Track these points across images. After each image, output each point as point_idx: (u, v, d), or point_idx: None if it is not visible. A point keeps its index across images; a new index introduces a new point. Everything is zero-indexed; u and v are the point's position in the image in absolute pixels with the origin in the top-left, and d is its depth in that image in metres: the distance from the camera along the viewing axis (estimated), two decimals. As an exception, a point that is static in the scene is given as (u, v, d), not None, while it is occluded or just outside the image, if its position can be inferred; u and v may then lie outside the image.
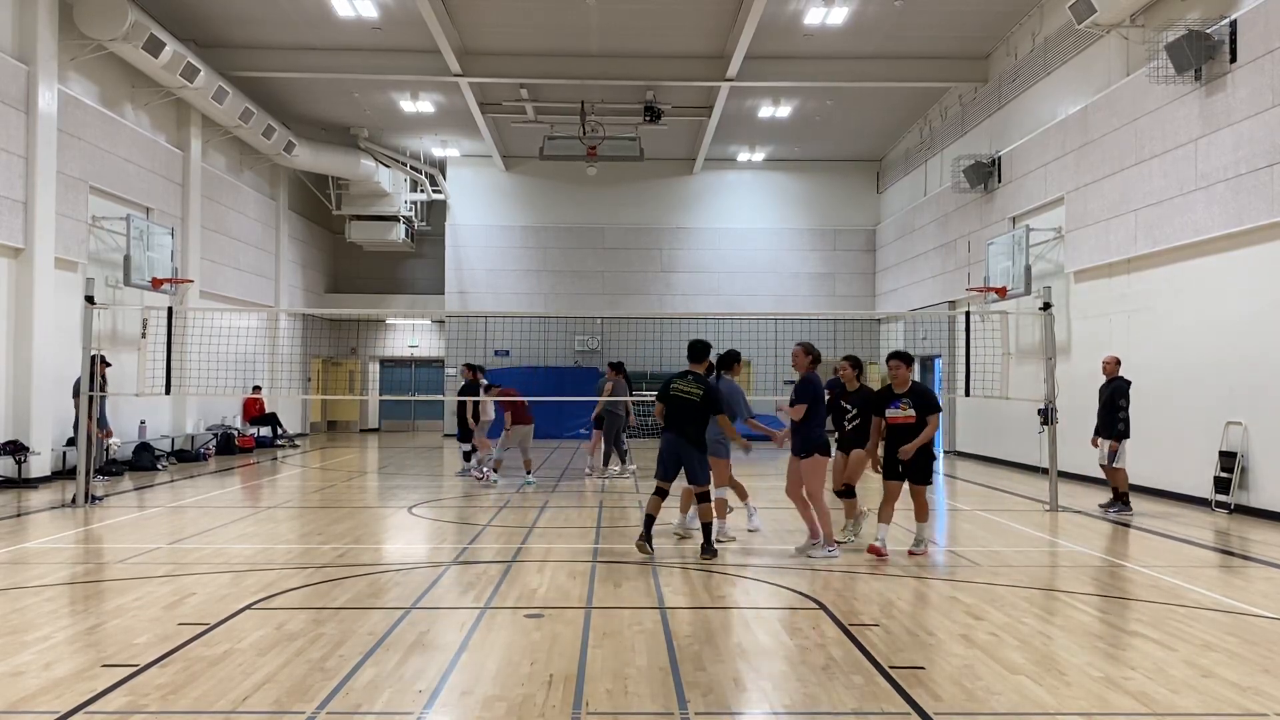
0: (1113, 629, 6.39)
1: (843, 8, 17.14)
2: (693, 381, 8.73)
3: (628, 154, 22.20)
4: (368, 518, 11.51)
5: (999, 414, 18.48)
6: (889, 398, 8.91)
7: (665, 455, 8.78)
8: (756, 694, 5.01)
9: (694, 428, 8.70)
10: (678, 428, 8.73)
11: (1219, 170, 12.26)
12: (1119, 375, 12.13)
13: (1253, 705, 4.86)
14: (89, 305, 11.98)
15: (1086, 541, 10.03)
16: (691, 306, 27.53)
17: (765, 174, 28.18)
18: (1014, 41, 18.63)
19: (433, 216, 29.17)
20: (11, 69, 14.06)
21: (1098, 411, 12.20)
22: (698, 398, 8.67)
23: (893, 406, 8.84)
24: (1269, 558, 9.09)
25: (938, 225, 22.64)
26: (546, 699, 4.85)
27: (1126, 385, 12.00)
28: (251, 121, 20.37)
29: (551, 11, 17.54)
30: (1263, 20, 11.58)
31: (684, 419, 8.71)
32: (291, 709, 4.67)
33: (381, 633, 6.06)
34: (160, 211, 18.39)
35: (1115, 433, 11.84)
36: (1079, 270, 15.84)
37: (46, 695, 4.86)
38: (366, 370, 30.64)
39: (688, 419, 8.70)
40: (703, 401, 8.67)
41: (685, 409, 8.70)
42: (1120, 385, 12.00)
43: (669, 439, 8.80)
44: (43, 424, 14.46)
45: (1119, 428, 11.83)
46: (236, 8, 17.52)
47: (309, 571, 8.05)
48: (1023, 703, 4.86)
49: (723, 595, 7.31)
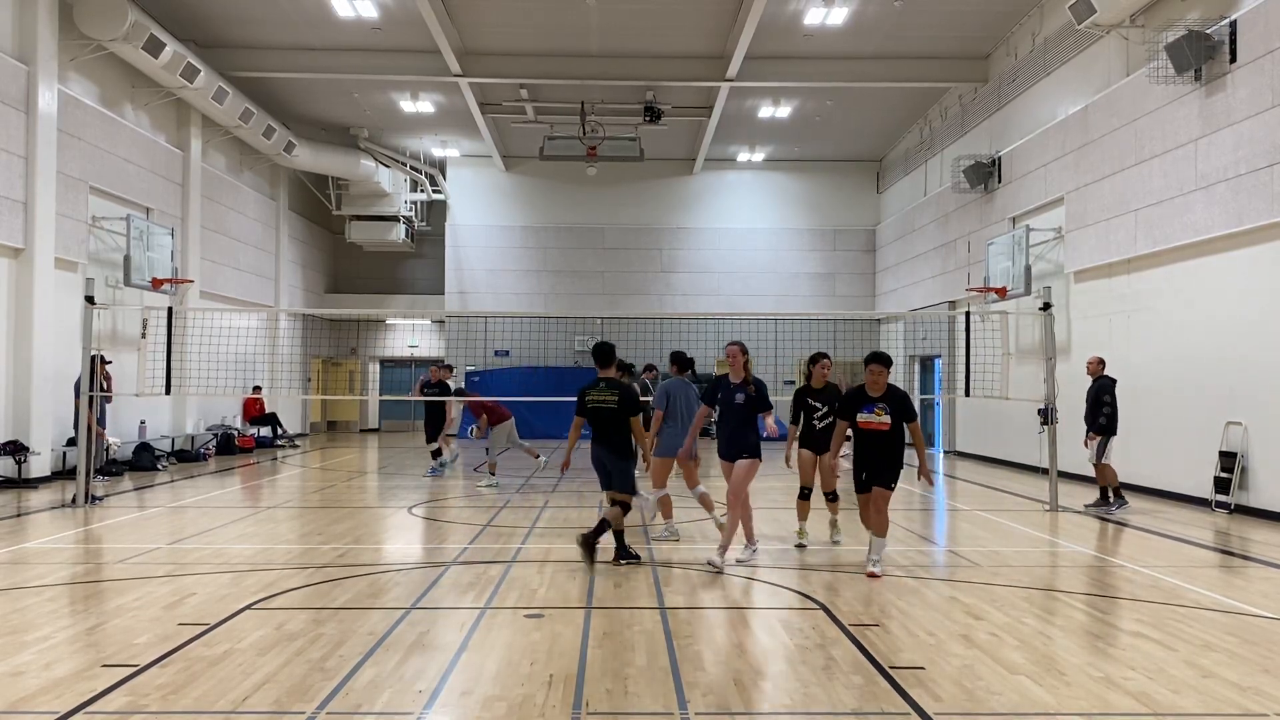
0: (1113, 629, 6.39)
1: (843, 8, 17.14)
2: (605, 389, 8.43)
3: (628, 154, 22.20)
4: (368, 518, 11.51)
5: (999, 414, 18.48)
6: (862, 401, 8.03)
7: (596, 466, 8.64)
8: (756, 694, 5.01)
9: (617, 436, 8.43)
10: (603, 438, 8.48)
11: (1219, 170, 12.26)
12: (1104, 374, 12.23)
13: (1253, 705, 4.86)
14: (89, 305, 11.97)
15: (1086, 541, 10.04)
16: (691, 306, 27.53)
17: (765, 174, 28.18)
18: (1014, 41, 18.63)
19: (433, 216, 29.17)
20: (11, 69, 14.06)
21: (1085, 413, 12.30)
22: (614, 404, 8.37)
23: (866, 411, 7.97)
24: (1269, 558, 9.09)
25: (938, 225, 22.64)
26: (546, 699, 4.85)
27: (1111, 383, 12.12)
28: (251, 121, 20.38)
29: (551, 11, 17.54)
30: (1263, 20, 11.58)
31: (606, 428, 8.44)
32: (291, 709, 4.67)
33: (381, 633, 6.06)
34: (160, 211, 18.39)
35: (1098, 427, 11.95)
36: (1079, 270, 15.84)
37: (46, 695, 4.86)
38: (366, 370, 30.64)
39: (610, 427, 8.42)
40: (620, 407, 8.36)
41: (604, 417, 8.42)
42: (1105, 383, 12.10)
43: (595, 450, 8.55)
44: (43, 424, 14.46)
45: (1101, 423, 11.97)
46: (236, 8, 17.51)
47: (309, 571, 8.05)
48: (1023, 703, 4.86)
49: (723, 595, 7.31)
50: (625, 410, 8.39)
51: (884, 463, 7.99)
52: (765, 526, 10.68)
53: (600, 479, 8.72)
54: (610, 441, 8.47)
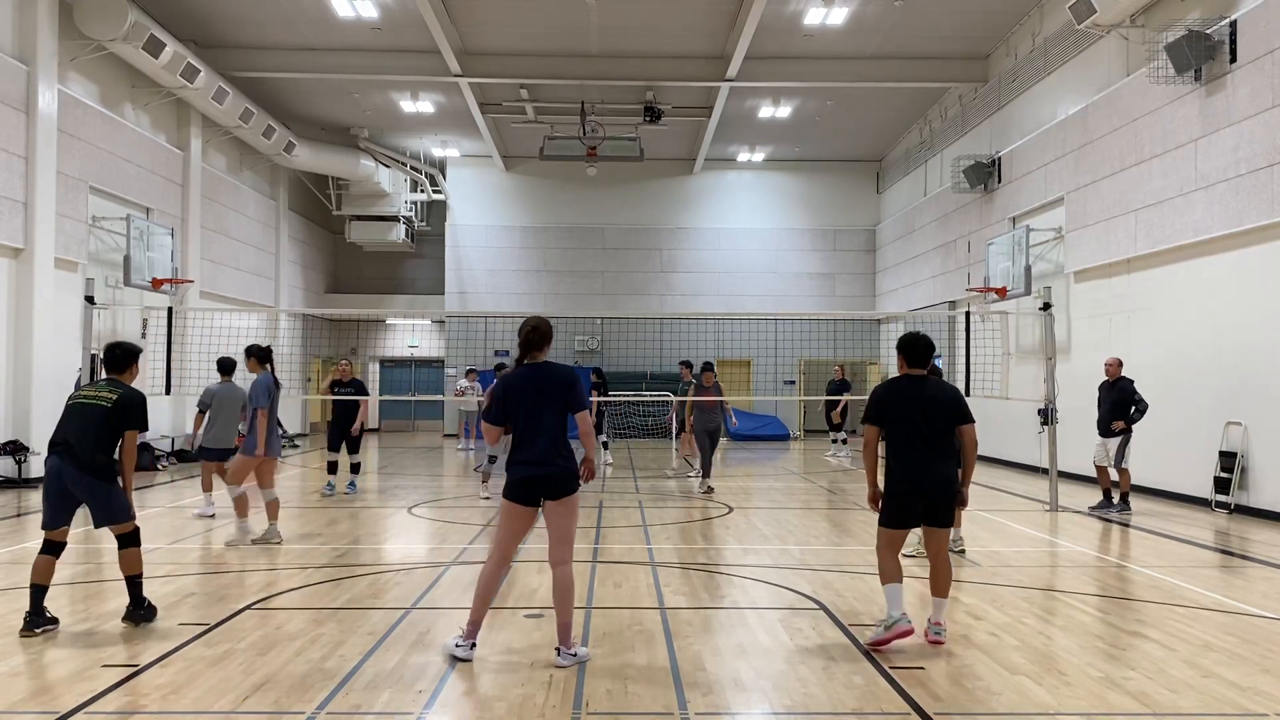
0: (1113, 629, 6.39)
1: (843, 8, 17.14)
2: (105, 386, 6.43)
3: (628, 154, 22.18)
4: (368, 518, 11.51)
5: (999, 414, 18.48)
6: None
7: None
8: (756, 694, 5.01)
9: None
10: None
11: (1219, 170, 12.26)
12: (1122, 375, 12.12)
13: (1253, 705, 4.86)
14: (89, 305, 11.97)
15: (1086, 541, 10.03)
16: (691, 306, 27.52)
17: (765, 174, 28.17)
18: (1014, 41, 18.63)
19: (433, 217, 29.16)
20: (11, 69, 14.06)
21: (1101, 415, 12.12)
22: (108, 404, 6.30)
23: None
24: (1269, 558, 9.09)
25: (938, 225, 22.64)
26: (546, 699, 4.85)
27: (1132, 383, 11.98)
28: (251, 122, 20.37)
29: (551, 11, 17.53)
30: (1263, 20, 11.58)
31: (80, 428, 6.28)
32: (291, 709, 4.67)
33: (381, 633, 6.06)
34: (160, 211, 18.39)
35: (1130, 419, 11.74)
36: (1079, 270, 15.84)
37: (46, 695, 4.86)
38: (366, 370, 30.62)
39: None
40: (113, 409, 6.27)
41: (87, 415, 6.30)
42: (1126, 384, 11.97)
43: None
44: (43, 424, 14.42)
45: (1134, 416, 11.73)
46: (236, 8, 17.51)
47: (309, 571, 8.05)
48: (1023, 703, 4.85)
49: (723, 595, 7.31)
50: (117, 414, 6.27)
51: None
52: (765, 527, 10.68)
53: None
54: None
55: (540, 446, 5.50)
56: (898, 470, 5.98)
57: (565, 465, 5.54)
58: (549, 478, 5.50)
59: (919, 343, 6.14)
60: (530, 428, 5.52)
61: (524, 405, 5.53)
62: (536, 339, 5.65)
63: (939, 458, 5.97)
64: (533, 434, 5.51)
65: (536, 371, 5.61)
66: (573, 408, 5.61)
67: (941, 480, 5.94)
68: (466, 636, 5.55)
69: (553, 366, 5.66)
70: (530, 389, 5.55)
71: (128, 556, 6.25)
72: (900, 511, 5.95)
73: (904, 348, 6.16)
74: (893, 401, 6.03)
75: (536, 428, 5.51)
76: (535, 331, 5.64)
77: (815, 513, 9.56)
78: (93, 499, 6.22)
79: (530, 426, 5.52)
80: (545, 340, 5.67)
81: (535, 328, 5.65)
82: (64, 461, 6.15)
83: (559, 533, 5.57)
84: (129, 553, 6.25)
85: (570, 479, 5.55)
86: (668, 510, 12.03)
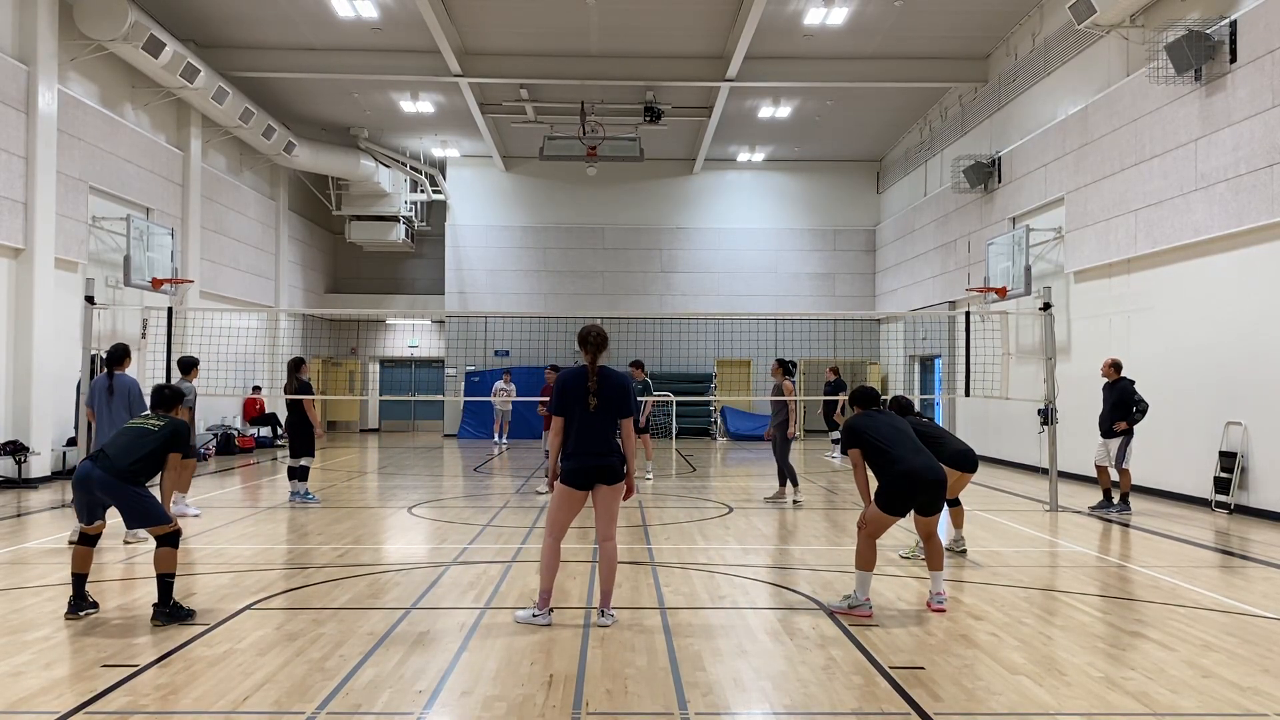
0: (1113, 629, 6.39)
1: (843, 8, 17.14)
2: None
3: (628, 154, 22.18)
4: (368, 518, 11.50)
5: (999, 414, 18.48)
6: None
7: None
8: (756, 694, 5.01)
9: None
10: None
11: (1219, 170, 12.26)
12: (1122, 377, 12.10)
13: (1253, 705, 4.86)
14: (89, 305, 11.95)
15: (1086, 541, 10.03)
16: (691, 306, 27.53)
17: (765, 174, 28.18)
18: (1014, 42, 18.63)
19: (433, 217, 29.18)
20: (11, 69, 14.06)
21: (1102, 415, 12.12)
22: (155, 429, 6.68)
23: None
24: (1269, 558, 9.09)
25: (938, 225, 22.64)
26: (546, 699, 4.85)
27: (1132, 384, 11.97)
28: (251, 122, 20.38)
29: (551, 11, 17.54)
30: (1263, 20, 11.58)
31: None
32: (291, 709, 4.67)
33: (381, 633, 6.06)
34: (160, 212, 18.39)
35: (1131, 420, 11.73)
36: (1079, 270, 15.84)
37: (46, 695, 4.86)
38: (366, 370, 30.64)
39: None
40: (159, 433, 6.67)
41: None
42: (1126, 385, 11.96)
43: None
44: (43, 424, 14.45)
45: (1136, 416, 11.71)
46: (236, 8, 17.52)
47: (309, 571, 8.05)
48: (1023, 703, 4.85)
49: (723, 595, 7.31)
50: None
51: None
52: (765, 527, 10.68)
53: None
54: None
55: (595, 441, 6.29)
56: (899, 472, 6.72)
57: (616, 458, 6.34)
58: (603, 467, 6.28)
59: (869, 394, 7.27)
60: (586, 424, 6.30)
61: (580, 403, 6.30)
62: (597, 340, 6.52)
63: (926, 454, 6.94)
64: (588, 429, 6.29)
65: (595, 373, 6.38)
66: (621, 413, 6.36)
67: (939, 473, 6.88)
68: (541, 605, 6.30)
69: (607, 371, 6.44)
70: (586, 389, 6.31)
71: (163, 555, 6.43)
72: (901, 502, 6.72)
73: (856, 399, 7.22)
74: (867, 428, 6.84)
75: (592, 424, 6.29)
76: (599, 336, 6.54)
77: (815, 513, 9.56)
78: (121, 503, 6.45)
79: (586, 423, 6.30)
80: (603, 344, 6.52)
81: (600, 333, 6.56)
82: (94, 466, 6.44)
83: (607, 513, 6.35)
84: (164, 551, 6.44)
85: (619, 468, 6.34)
86: (668, 510, 12.03)
